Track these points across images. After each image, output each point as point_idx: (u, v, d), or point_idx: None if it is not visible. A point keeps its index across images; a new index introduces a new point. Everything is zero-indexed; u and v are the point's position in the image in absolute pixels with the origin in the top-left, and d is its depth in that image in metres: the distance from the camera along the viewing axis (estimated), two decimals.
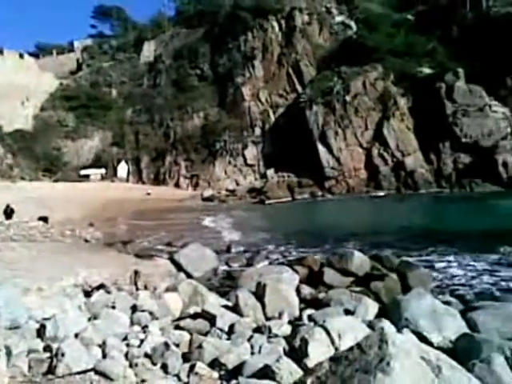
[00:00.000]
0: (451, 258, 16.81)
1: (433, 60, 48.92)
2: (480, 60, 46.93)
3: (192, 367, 5.89)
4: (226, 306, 9.33)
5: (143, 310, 8.38)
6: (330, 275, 13.19)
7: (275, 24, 57.87)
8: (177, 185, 55.55)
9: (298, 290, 11.23)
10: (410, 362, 3.53)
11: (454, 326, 7.65)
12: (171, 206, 41.75)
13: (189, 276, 13.50)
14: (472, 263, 15.78)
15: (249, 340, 7.12)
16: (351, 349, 3.77)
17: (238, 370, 5.91)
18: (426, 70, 47.58)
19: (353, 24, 56.62)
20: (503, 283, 13.37)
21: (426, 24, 53.98)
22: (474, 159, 42.64)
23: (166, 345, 6.39)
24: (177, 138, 58.11)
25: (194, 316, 8.50)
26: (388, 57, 49.31)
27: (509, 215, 27.27)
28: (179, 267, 14.13)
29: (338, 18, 57.70)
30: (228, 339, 7.43)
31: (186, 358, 6.45)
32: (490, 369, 5.00)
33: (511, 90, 47.05)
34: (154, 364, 6.09)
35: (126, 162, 61.21)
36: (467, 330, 7.55)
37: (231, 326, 7.89)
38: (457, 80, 44.98)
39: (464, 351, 5.99)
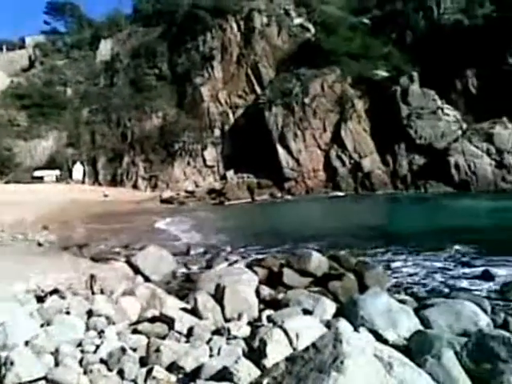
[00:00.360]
0: (406, 257, 17.27)
1: (388, 63, 50.19)
2: (432, 64, 48.54)
3: (149, 371, 5.81)
4: (184, 309, 9.25)
5: (99, 315, 8.19)
6: (289, 276, 13.31)
7: (234, 25, 57.89)
8: (135, 186, 54.62)
9: (257, 292, 11.27)
10: (363, 360, 3.60)
11: (408, 324, 7.85)
12: (129, 207, 41.01)
13: (147, 279, 13.31)
14: (426, 262, 16.26)
15: (208, 342, 7.08)
16: (307, 348, 3.81)
17: (196, 373, 5.87)
18: (382, 73, 48.75)
19: (311, 27, 57.30)
20: (454, 281, 13.86)
21: (382, 28, 55.41)
22: (428, 161, 43.97)
23: (123, 349, 6.27)
24: (134, 138, 57.13)
25: (152, 320, 8.39)
26: (345, 59, 50.21)
27: (460, 215, 28.27)
28: (137, 270, 13.91)
29: (297, 21, 58.25)
30: (187, 342, 7.37)
31: (143, 362, 6.35)
32: (440, 363, 5.16)
33: (461, 93, 48.86)
34: (110, 370, 5.96)
35: (82, 163, 59.68)
36: (421, 327, 7.77)
37: (190, 329, 7.83)
38: (411, 83, 46.29)
39: (417, 347, 6.16)
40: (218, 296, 9.55)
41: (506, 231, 21.57)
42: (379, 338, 7.19)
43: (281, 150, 47.31)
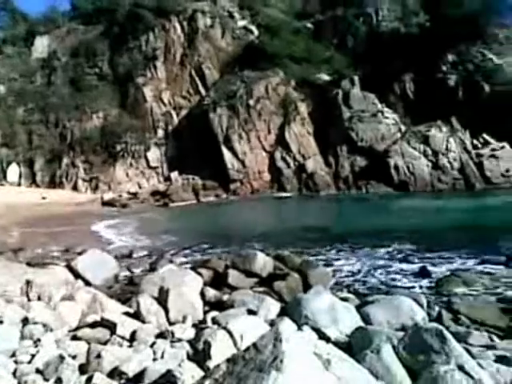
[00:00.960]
0: (348, 255, 17.75)
1: (330, 67, 51.39)
2: (372, 68, 50.24)
3: (90, 379, 5.62)
4: (127, 313, 9.04)
5: (36, 323, 7.83)
6: (234, 277, 13.32)
7: (177, 25, 57.27)
8: (75, 188, 52.81)
9: (202, 293, 11.19)
10: (302, 358, 3.65)
11: (349, 321, 8.05)
12: (69, 210, 39.63)
13: (88, 284, 12.90)
14: (367, 260, 16.78)
15: (151, 346, 6.95)
16: (248, 348, 3.83)
17: (139, 378, 5.75)
18: (324, 77, 49.84)
19: (255, 29, 57.71)
20: (393, 278, 14.39)
21: (324, 33, 56.77)
22: (369, 162, 45.34)
23: (61, 357, 6.03)
24: (74, 139, 55.22)
25: (93, 325, 8.13)
26: (289, 63, 50.95)
27: (399, 214, 29.39)
28: (77, 275, 13.43)
29: (241, 23, 58.48)
30: (130, 346, 7.20)
31: (83, 369, 6.14)
32: (379, 358, 5.34)
33: (399, 97, 50.83)
34: (47, 380, 5.71)
35: (18, 164, 57.00)
36: (362, 324, 7.99)
37: (133, 333, 7.66)
38: (352, 87, 47.61)
39: (357, 343, 6.33)
40: (162, 299, 9.40)
41: (441, 229, 22.67)
42: (322, 335, 7.32)
43: (226, 152, 47.32)
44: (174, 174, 50.03)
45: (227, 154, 47.21)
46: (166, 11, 57.48)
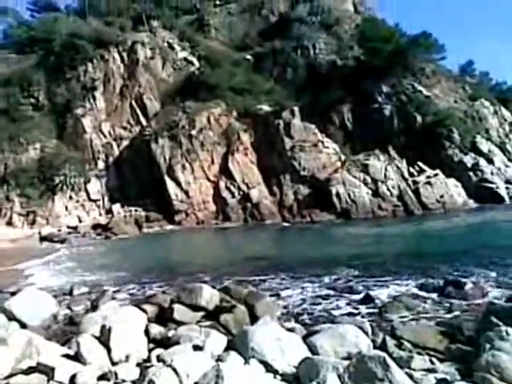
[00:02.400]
0: (294, 284, 17.84)
1: (271, 98, 52.54)
2: (311, 99, 51.95)
3: None
4: (66, 355, 8.60)
5: None
6: (179, 311, 13.01)
7: (117, 56, 56.80)
8: (9, 223, 50.17)
9: (146, 330, 10.84)
10: None
11: (297, 352, 8.03)
12: (2, 247, 37.53)
13: (23, 326, 12.16)
14: (313, 288, 16.93)
15: None
16: None
17: None
18: (266, 108, 50.81)
19: (195, 60, 58.25)
20: (339, 305, 14.57)
21: (264, 65, 58.24)
22: (312, 191, 46.25)
23: None
24: (8, 171, 52.74)
25: (28, 371, 7.64)
26: (230, 94, 51.65)
27: (342, 242, 30.04)
28: (11, 317, 12.64)
29: (181, 54, 58.89)
30: None
31: None
32: None
33: (338, 127, 52.66)
34: None
35: None
36: (309, 354, 7.99)
37: (73, 377, 7.28)
38: (293, 118, 48.77)
39: (305, 375, 6.32)
40: (104, 338, 9.02)
41: (382, 255, 23.33)
42: (269, 368, 7.25)
43: (169, 182, 46.78)
44: (116, 207, 48.77)
45: (171, 185, 46.68)
46: (105, 42, 56.96)
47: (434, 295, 14.93)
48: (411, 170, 46.61)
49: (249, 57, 59.29)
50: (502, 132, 53.46)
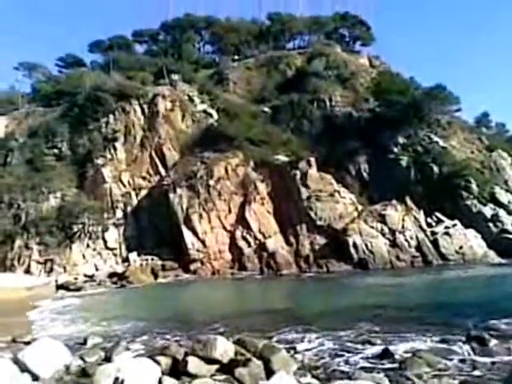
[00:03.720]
0: (311, 337, 17.42)
1: (288, 149, 53.23)
2: (328, 150, 52.54)
3: None
4: None
5: None
6: (194, 364, 12.77)
7: (138, 108, 58.63)
8: (27, 271, 50.47)
9: (159, 383, 10.64)
10: None
11: None
12: (19, 295, 37.57)
13: (35, 378, 12.00)
14: (330, 342, 16.49)
15: None
16: None
17: None
18: (282, 158, 51.40)
19: (214, 113, 59.74)
20: (356, 360, 14.12)
21: (281, 117, 59.39)
22: (329, 241, 45.89)
23: None
24: (29, 219, 53.59)
25: None
26: (247, 145, 52.54)
27: (359, 293, 29.45)
28: (23, 368, 12.51)
29: (200, 107, 60.52)
30: None
31: None
32: None
33: (355, 177, 52.80)
34: None
35: None
36: None
37: None
38: (309, 168, 49.14)
39: None
40: None
41: (401, 307, 22.77)
42: None
43: (186, 232, 46.94)
44: (133, 255, 48.89)
45: (187, 234, 46.82)
46: (126, 95, 58.99)
47: (457, 351, 14.41)
48: (429, 220, 46.14)
49: (266, 109, 60.60)
50: None
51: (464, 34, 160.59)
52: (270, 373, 11.96)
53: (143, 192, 53.69)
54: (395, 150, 52.98)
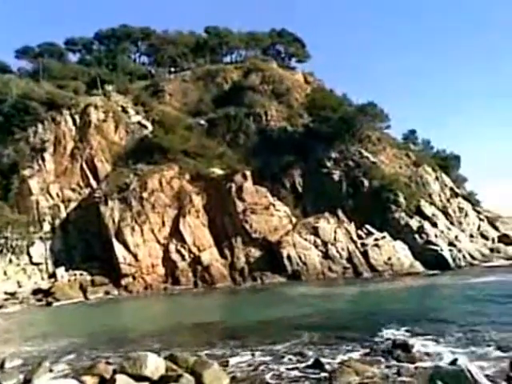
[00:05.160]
0: (243, 351, 17.35)
1: (223, 162, 53.26)
2: (263, 163, 53.16)
3: None
4: None
5: None
6: (122, 382, 12.37)
7: (69, 118, 56.38)
8: None
9: None
10: None
11: None
12: None
13: None
14: (262, 355, 16.50)
15: None
16: None
17: None
18: (218, 171, 51.30)
19: (149, 124, 58.68)
20: (288, 372, 14.20)
21: (217, 130, 59.45)
22: (264, 253, 46.14)
23: None
24: None
25: None
26: (182, 157, 51.96)
27: (292, 305, 29.76)
28: None
29: (135, 118, 59.31)
30: None
31: None
32: None
33: (290, 191, 53.70)
34: None
35: None
36: None
37: None
38: (245, 181, 49.33)
39: None
40: None
41: (331, 318, 23.26)
42: None
43: (117, 245, 45.44)
44: (60, 270, 46.58)
45: (118, 248, 45.33)
46: (57, 104, 56.65)
47: (383, 359, 14.87)
48: (359, 232, 47.65)
49: (202, 122, 60.40)
50: (443, 197, 56.01)
51: (393, 54, 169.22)
52: None
53: (73, 204, 51.49)
54: (328, 164, 54.45)
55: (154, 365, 13.08)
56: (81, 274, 45.07)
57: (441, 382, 8.30)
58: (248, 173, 49.56)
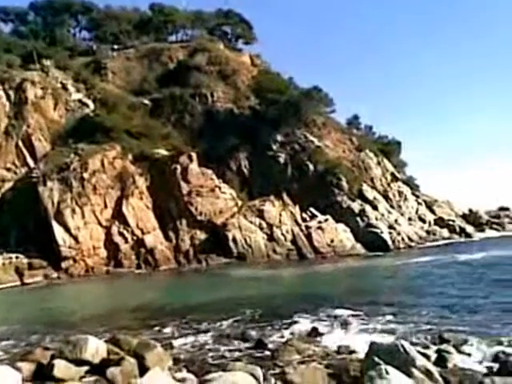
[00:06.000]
0: (187, 331, 17.33)
1: (168, 143, 52.41)
2: (209, 145, 52.74)
3: None
4: None
5: None
6: (60, 368, 11.95)
7: (2, 93, 53.38)
8: None
9: None
10: None
11: None
12: None
13: None
14: (205, 335, 16.54)
15: None
16: None
17: None
18: (163, 152, 50.45)
19: (90, 103, 56.64)
20: (231, 352, 14.32)
21: (162, 110, 58.26)
22: (209, 235, 46.13)
23: None
24: None
25: None
26: (126, 137, 50.61)
27: (236, 286, 30.00)
28: None
29: (75, 96, 56.99)
30: None
31: None
32: None
33: (236, 173, 53.74)
34: None
35: None
36: None
37: None
38: (190, 163, 48.82)
39: None
40: None
41: (275, 297, 23.65)
42: None
43: (57, 227, 43.87)
44: None
45: (58, 230, 43.79)
46: None
47: (325, 337, 15.29)
48: (304, 215, 48.52)
49: (146, 101, 58.98)
50: (384, 181, 57.97)
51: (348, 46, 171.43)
52: (144, 370, 11.64)
53: (7, 185, 49.05)
54: (274, 147, 54.85)
55: (95, 348, 12.71)
56: (16, 257, 43.18)
57: (376, 357, 8.64)
58: (194, 154, 49.07)
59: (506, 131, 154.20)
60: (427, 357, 10.76)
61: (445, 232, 56.24)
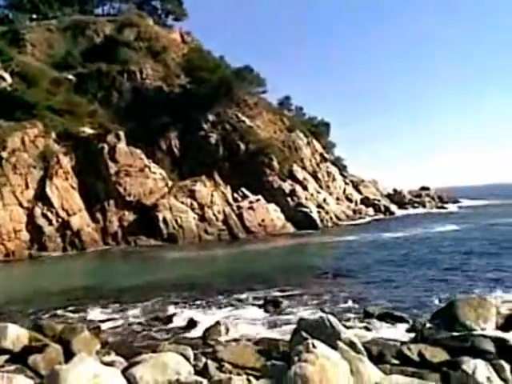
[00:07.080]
0: (116, 314, 16.96)
1: (94, 121, 50.25)
2: (138, 124, 51.20)
3: None
4: None
5: None
6: None
7: None
8: None
9: None
10: None
11: None
12: None
13: None
14: (134, 316, 16.28)
15: None
16: None
17: None
18: (88, 130, 48.32)
19: (7, 76, 52.88)
20: (161, 333, 14.20)
21: (88, 86, 55.65)
22: (138, 217, 45.08)
23: None
24: None
25: None
26: (48, 114, 47.85)
27: (167, 267, 29.71)
28: None
29: None
30: None
31: None
32: None
33: (166, 153, 52.75)
34: None
35: None
36: None
37: None
38: (118, 142, 47.19)
39: None
40: None
41: (206, 278, 23.69)
42: None
43: None
44: None
45: None
46: None
47: (254, 314, 15.53)
48: (235, 195, 48.68)
49: (71, 77, 55.95)
50: (313, 162, 59.30)
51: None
52: (70, 356, 11.23)
53: None
54: (205, 127, 54.31)
55: (15, 336, 12.11)
56: None
57: (304, 332, 8.87)
58: (122, 133, 47.52)
59: None
60: (352, 329, 11.24)
61: (370, 211, 58.82)
